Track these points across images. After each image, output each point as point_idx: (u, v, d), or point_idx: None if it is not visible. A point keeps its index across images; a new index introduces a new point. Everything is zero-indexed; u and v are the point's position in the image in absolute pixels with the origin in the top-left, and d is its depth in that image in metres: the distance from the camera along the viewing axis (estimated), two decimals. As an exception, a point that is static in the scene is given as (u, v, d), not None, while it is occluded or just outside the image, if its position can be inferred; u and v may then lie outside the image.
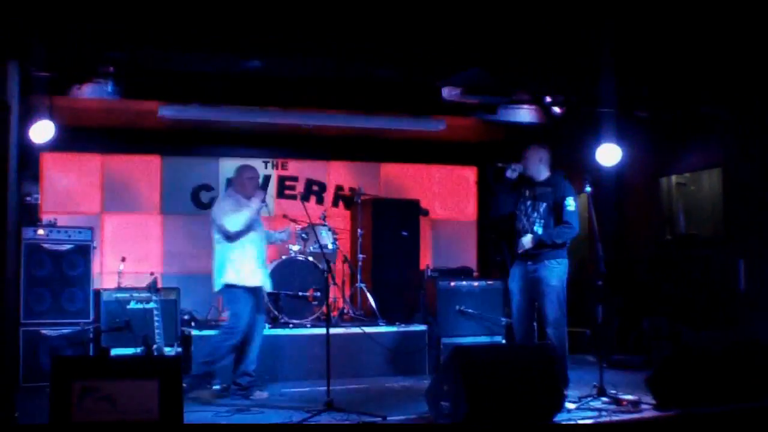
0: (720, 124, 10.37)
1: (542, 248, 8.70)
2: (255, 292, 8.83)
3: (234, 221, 8.63)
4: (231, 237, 8.68)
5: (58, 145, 9.63)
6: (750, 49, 8.63)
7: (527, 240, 8.72)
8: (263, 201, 8.88)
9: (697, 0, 7.58)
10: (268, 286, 9.11)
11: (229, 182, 10.85)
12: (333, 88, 10.19)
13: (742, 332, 9.47)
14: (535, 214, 8.83)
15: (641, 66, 9.22)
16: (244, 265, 8.74)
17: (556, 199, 8.77)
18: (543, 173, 8.95)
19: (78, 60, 9.04)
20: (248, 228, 8.73)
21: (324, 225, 11.35)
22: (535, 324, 9.05)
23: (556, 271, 8.69)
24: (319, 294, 10.46)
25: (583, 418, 7.62)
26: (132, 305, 9.60)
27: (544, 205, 8.80)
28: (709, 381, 7.95)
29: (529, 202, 8.89)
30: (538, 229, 8.74)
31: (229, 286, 8.75)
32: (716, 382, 7.95)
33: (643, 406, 7.98)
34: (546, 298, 8.67)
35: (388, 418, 7.64)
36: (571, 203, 8.71)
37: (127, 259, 10.38)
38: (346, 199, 12.70)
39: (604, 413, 7.83)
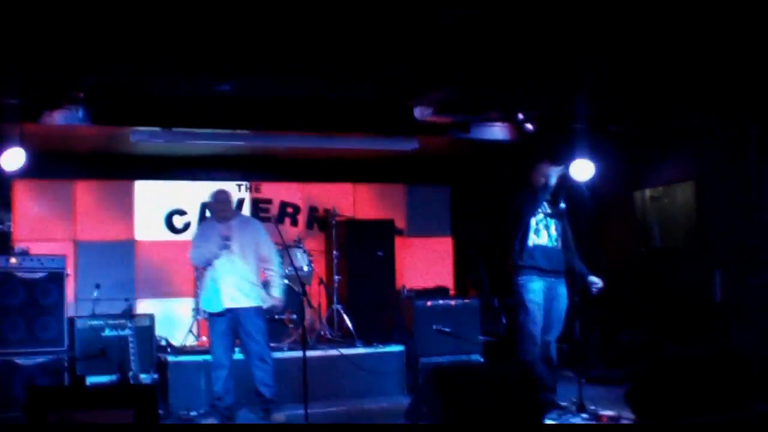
0: (692, 138, 10.43)
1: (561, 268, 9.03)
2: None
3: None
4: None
5: (29, 172, 9.55)
6: (722, 62, 8.68)
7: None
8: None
9: (668, 15, 7.60)
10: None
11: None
12: (305, 109, 10.17)
13: (719, 343, 9.49)
14: (555, 234, 9.06)
15: (613, 81, 9.25)
16: None
17: (564, 220, 9.08)
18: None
19: (48, 86, 8.98)
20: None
21: (299, 247, 11.31)
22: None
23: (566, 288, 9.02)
24: (295, 317, 10.41)
25: (562, 435, 7.63)
26: (107, 332, 9.51)
27: (561, 225, 9.07)
28: (687, 394, 7.94)
29: (547, 219, 9.05)
30: (560, 247, 9.04)
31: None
32: (695, 395, 7.95)
33: (623, 422, 7.98)
34: (563, 313, 8.97)
35: (368, 440, 7.62)
36: None
37: (102, 286, 10.25)
38: (321, 220, 12.65)
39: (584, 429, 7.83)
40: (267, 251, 9.11)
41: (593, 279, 8.92)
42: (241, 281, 8.91)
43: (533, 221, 8.94)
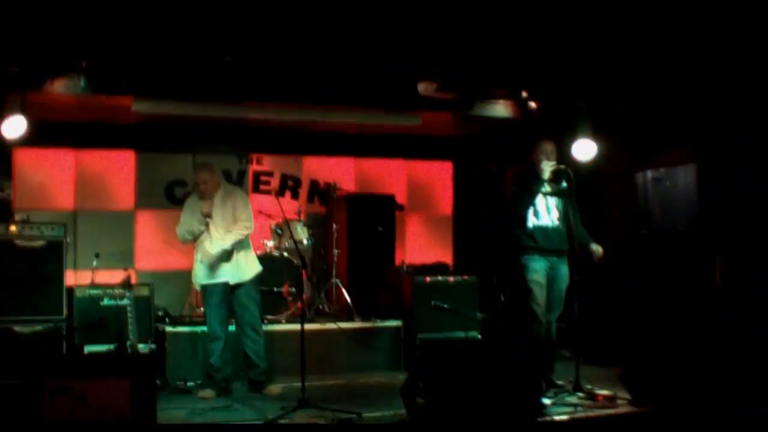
0: (695, 121, 10.40)
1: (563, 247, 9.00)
2: None
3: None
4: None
5: (30, 140, 9.56)
6: (726, 46, 8.65)
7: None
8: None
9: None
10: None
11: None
12: (308, 82, 10.13)
13: (718, 328, 9.49)
14: (557, 213, 9.02)
15: (617, 61, 9.22)
16: None
17: (569, 196, 9.00)
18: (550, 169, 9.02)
19: (51, 55, 8.95)
20: None
21: (299, 220, 11.29)
22: None
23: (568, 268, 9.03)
24: (294, 290, 10.41)
25: (558, 414, 7.63)
26: (105, 302, 9.50)
27: (563, 202, 9.01)
28: (683, 377, 7.95)
29: (548, 198, 9.02)
30: (561, 227, 8.98)
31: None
32: (691, 379, 7.96)
33: (619, 402, 7.99)
34: (563, 293, 8.99)
35: (364, 415, 7.62)
36: None
37: (101, 255, 10.24)
38: (322, 194, 12.63)
39: (579, 408, 7.85)
40: (239, 214, 9.01)
41: (594, 247, 8.99)
42: (229, 255, 8.90)
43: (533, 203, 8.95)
